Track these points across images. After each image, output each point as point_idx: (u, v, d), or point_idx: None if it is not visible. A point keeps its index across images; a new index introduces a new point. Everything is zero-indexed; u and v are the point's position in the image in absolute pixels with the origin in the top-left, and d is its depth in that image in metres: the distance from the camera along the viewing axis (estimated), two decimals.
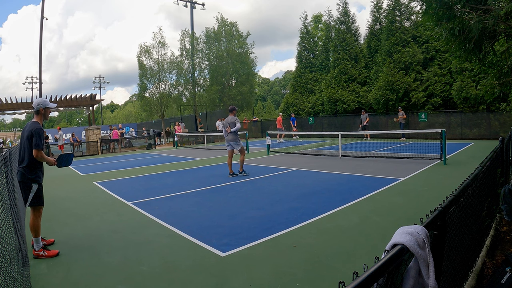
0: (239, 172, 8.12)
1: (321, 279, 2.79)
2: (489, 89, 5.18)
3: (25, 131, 3.66)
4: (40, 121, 3.76)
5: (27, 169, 3.60)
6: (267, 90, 73.87)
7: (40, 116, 3.77)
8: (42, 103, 3.77)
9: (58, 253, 3.62)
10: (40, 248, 3.60)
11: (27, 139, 3.59)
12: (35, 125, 3.66)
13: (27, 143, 3.59)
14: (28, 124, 3.73)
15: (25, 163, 3.59)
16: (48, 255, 3.58)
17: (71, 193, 7.30)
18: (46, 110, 3.80)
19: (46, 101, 3.82)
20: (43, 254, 3.57)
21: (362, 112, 18.78)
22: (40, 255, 3.57)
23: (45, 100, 3.82)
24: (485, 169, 2.66)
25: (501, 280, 2.41)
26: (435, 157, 8.92)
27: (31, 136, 3.58)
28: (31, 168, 3.63)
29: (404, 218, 4.27)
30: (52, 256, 3.58)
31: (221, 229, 4.16)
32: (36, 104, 3.76)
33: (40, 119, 3.76)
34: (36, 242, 3.61)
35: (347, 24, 22.72)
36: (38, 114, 3.77)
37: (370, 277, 0.88)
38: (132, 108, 65.84)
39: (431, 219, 1.36)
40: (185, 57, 26.10)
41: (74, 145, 19.76)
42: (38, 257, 3.56)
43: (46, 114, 3.82)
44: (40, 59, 20.98)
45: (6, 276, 1.83)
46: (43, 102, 3.79)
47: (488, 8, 3.97)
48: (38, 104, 3.75)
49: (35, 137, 3.57)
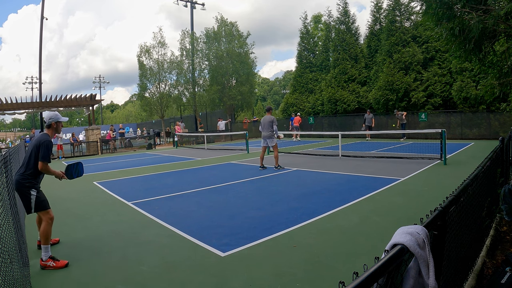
0: (275, 167, 8.83)
1: (321, 279, 2.78)
2: (489, 89, 5.18)
3: (34, 140, 3.58)
4: (51, 134, 3.65)
5: (27, 176, 3.43)
6: (267, 90, 73.87)
7: (51, 129, 3.68)
8: (54, 117, 3.68)
9: (67, 264, 3.34)
10: (48, 258, 3.34)
11: (35, 148, 3.48)
12: (45, 137, 3.55)
13: (35, 151, 3.48)
14: (39, 134, 3.65)
15: (28, 171, 3.44)
16: (56, 266, 3.30)
17: (71, 193, 7.30)
18: (58, 124, 3.71)
19: (58, 115, 3.72)
20: (50, 265, 3.31)
21: (367, 112, 17.93)
22: (48, 266, 3.30)
23: (57, 114, 3.73)
24: (485, 169, 2.66)
25: (501, 280, 2.41)
26: (435, 157, 8.91)
27: (38, 147, 3.47)
28: (33, 176, 3.47)
29: (404, 218, 4.27)
30: (60, 267, 3.29)
31: (221, 229, 4.16)
32: (47, 118, 3.68)
33: (51, 133, 3.67)
34: (45, 250, 3.38)
35: (347, 24, 22.71)
36: (49, 128, 3.67)
37: (370, 277, 0.88)
38: (132, 108, 65.85)
39: (431, 219, 1.37)
40: (185, 57, 26.12)
41: (74, 145, 19.76)
42: (45, 268, 3.29)
43: (58, 128, 3.73)
44: (40, 59, 20.99)
45: (6, 276, 1.83)
46: (55, 116, 3.69)
47: (488, 8, 3.97)
48: (50, 118, 3.66)
49: (42, 149, 3.44)
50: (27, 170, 3.46)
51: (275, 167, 8.84)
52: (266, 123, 8.86)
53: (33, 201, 3.46)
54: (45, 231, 3.44)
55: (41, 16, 20.68)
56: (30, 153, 3.49)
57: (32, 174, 3.47)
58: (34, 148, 3.48)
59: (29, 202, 3.45)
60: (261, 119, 9.09)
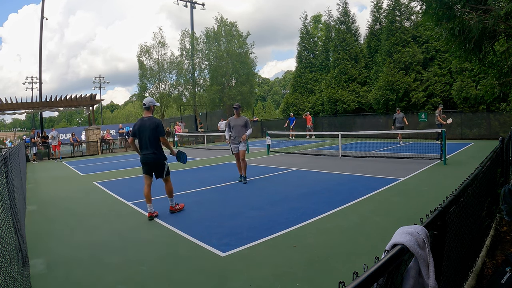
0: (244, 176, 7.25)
1: (321, 279, 2.78)
2: (489, 89, 5.17)
3: (147, 124, 4.74)
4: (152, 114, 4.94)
5: (159, 151, 4.77)
6: (267, 90, 73.83)
7: (150, 111, 4.90)
8: (152, 101, 4.92)
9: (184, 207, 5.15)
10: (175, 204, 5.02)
11: (154, 129, 4.71)
12: (156, 119, 4.87)
13: (153, 132, 4.71)
14: (146, 118, 4.81)
15: (156, 147, 4.74)
16: (180, 207, 5.09)
17: (71, 193, 7.30)
18: (154, 107, 4.98)
19: (154, 100, 4.98)
20: (177, 207, 5.02)
21: (397, 111, 15.07)
22: (176, 208, 4.99)
23: (152, 99, 4.96)
24: (485, 169, 2.66)
25: (501, 280, 2.41)
26: (435, 157, 8.91)
27: (156, 127, 4.73)
28: (160, 150, 4.79)
29: (404, 218, 4.27)
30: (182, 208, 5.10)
31: (221, 229, 4.16)
32: (148, 102, 4.87)
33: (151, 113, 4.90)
34: (172, 201, 4.99)
35: (347, 24, 22.71)
36: (149, 109, 4.88)
37: (370, 277, 0.88)
38: (132, 108, 65.76)
39: (431, 219, 1.36)
40: (185, 57, 26.12)
41: (74, 145, 19.76)
42: (174, 212, 4.94)
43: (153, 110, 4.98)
44: (40, 59, 20.99)
45: (6, 276, 1.83)
46: (152, 100, 4.94)
47: (488, 8, 3.97)
48: (150, 102, 4.88)
49: (160, 127, 4.77)
50: (155, 148, 4.75)
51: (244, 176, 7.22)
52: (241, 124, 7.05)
53: (166, 168, 4.89)
54: (171, 188, 4.99)
55: (41, 16, 20.68)
56: (150, 134, 4.70)
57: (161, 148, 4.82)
58: (153, 130, 4.71)
59: (163, 170, 4.86)
60: (229, 119, 7.26)
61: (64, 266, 3.32)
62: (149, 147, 4.74)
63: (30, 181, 9.53)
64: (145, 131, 4.74)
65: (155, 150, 4.74)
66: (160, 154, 4.79)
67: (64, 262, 3.42)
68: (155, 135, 4.72)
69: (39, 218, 5.24)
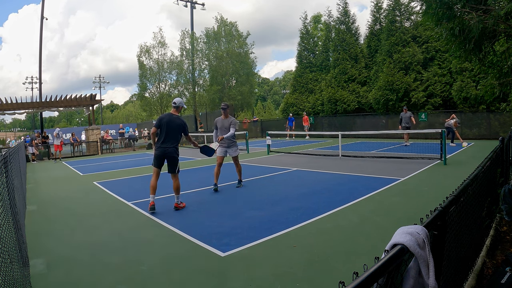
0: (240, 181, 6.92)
1: (321, 279, 2.78)
2: (489, 89, 5.17)
3: (176, 121, 5.26)
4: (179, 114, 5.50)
5: (177, 147, 5.24)
6: (267, 90, 73.81)
7: (178, 110, 5.45)
8: (182, 102, 5.55)
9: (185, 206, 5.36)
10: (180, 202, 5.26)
11: (182, 127, 5.31)
12: (183, 119, 5.47)
13: (181, 130, 5.30)
14: (175, 116, 5.33)
15: (177, 143, 5.26)
16: (183, 205, 5.31)
17: (71, 193, 7.30)
18: (181, 108, 5.56)
19: (183, 102, 5.59)
20: (182, 205, 5.27)
21: (404, 110, 13.87)
22: (180, 206, 5.22)
23: (182, 101, 5.56)
24: (485, 169, 2.66)
25: (501, 280, 2.41)
26: (435, 157, 8.91)
27: (184, 126, 5.34)
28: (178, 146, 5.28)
29: (404, 218, 4.27)
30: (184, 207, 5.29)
31: (221, 229, 4.16)
32: (179, 102, 5.48)
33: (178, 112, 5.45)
34: (178, 198, 5.23)
35: (347, 24, 22.70)
36: (177, 109, 5.45)
37: (370, 277, 0.88)
38: (132, 108, 65.70)
39: (431, 219, 1.36)
40: (185, 57, 26.14)
41: (74, 145, 19.76)
42: (177, 209, 5.17)
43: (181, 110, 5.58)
44: (40, 59, 20.99)
45: (6, 276, 1.83)
46: (182, 102, 5.56)
47: (488, 8, 3.96)
48: (180, 103, 5.50)
49: (186, 126, 5.42)
50: (176, 144, 5.24)
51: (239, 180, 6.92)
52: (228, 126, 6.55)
53: (178, 164, 5.30)
54: (179, 185, 5.28)
55: (41, 16, 20.68)
56: (177, 131, 5.25)
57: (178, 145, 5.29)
58: (181, 127, 5.31)
59: (177, 164, 5.25)
60: (216, 119, 6.82)
61: (64, 266, 3.32)
62: (172, 141, 5.20)
63: (30, 181, 9.53)
64: (173, 126, 5.21)
65: (176, 145, 5.24)
66: (177, 149, 5.28)
67: (64, 262, 3.42)
68: (180, 133, 5.31)
69: (39, 218, 5.24)
